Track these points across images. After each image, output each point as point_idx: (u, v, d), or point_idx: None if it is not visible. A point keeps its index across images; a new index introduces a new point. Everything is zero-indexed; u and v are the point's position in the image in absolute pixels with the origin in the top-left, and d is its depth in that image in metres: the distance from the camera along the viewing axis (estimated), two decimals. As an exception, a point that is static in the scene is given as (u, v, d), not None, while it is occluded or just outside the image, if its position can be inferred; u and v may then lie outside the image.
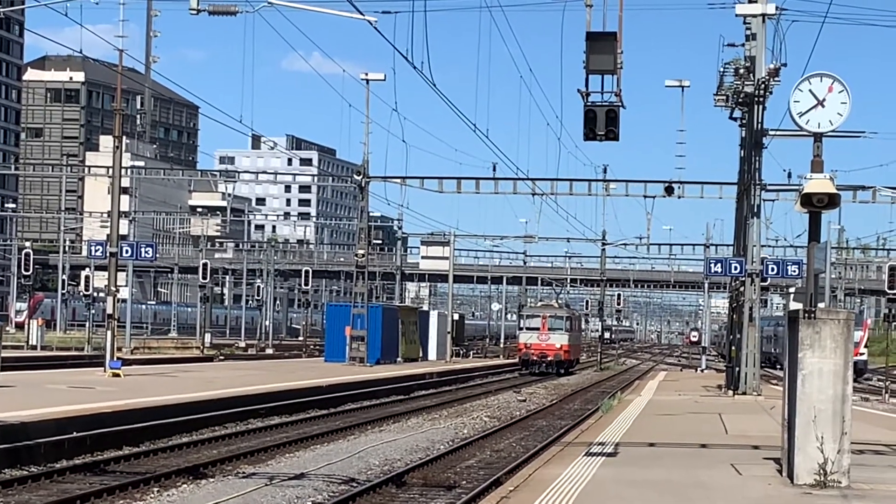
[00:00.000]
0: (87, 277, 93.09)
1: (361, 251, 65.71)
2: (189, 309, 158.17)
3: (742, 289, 49.29)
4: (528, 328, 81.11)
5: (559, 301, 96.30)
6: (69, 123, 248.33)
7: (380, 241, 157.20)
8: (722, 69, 50.17)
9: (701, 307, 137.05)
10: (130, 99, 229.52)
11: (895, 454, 26.23)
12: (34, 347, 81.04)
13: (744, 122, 49.23)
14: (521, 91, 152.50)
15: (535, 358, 79.58)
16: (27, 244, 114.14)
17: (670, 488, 19.93)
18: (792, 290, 62.27)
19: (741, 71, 46.68)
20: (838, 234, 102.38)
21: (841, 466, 19.73)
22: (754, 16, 44.16)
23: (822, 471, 19.69)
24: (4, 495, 21.76)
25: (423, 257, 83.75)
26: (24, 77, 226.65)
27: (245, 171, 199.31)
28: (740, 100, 47.77)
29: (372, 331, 66.24)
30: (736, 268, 48.50)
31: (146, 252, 49.09)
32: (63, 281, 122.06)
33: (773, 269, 51.59)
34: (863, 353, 78.03)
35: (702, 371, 79.63)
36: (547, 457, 25.32)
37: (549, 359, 79.39)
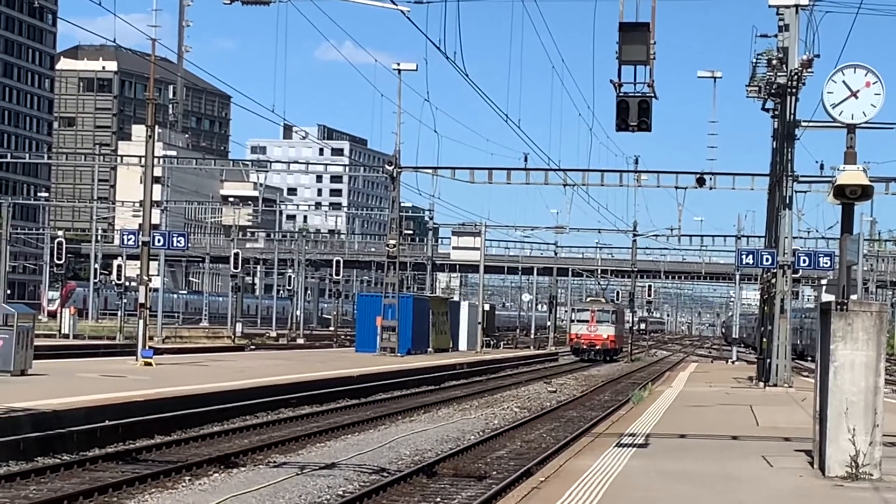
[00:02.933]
0: (119, 266, 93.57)
1: (392, 241, 65.74)
2: (220, 298, 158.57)
3: (773, 280, 49.13)
4: (578, 320, 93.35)
5: (606, 296, 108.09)
6: (102, 113, 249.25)
7: (411, 232, 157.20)
8: (754, 60, 50.01)
9: (732, 299, 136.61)
10: (163, 88, 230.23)
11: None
12: (66, 336, 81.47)
13: (776, 113, 49.03)
14: (553, 81, 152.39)
15: (584, 346, 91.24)
16: (60, 233, 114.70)
17: (701, 480, 19.91)
18: (824, 281, 62.04)
19: (774, 62, 46.50)
20: (870, 225, 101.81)
21: (873, 458, 19.67)
22: (787, 6, 43.98)
23: (853, 463, 19.64)
24: (37, 483, 21.89)
25: (453, 248, 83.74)
26: (57, 66, 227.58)
27: (276, 161, 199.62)
28: (773, 91, 47.58)
29: (403, 321, 66.25)
30: (767, 259, 48.34)
31: (178, 241, 49.21)
32: (95, 270, 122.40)
33: (804, 261, 51.35)
34: None
35: (732, 363, 79.47)
36: (577, 448, 25.31)
37: (597, 347, 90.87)
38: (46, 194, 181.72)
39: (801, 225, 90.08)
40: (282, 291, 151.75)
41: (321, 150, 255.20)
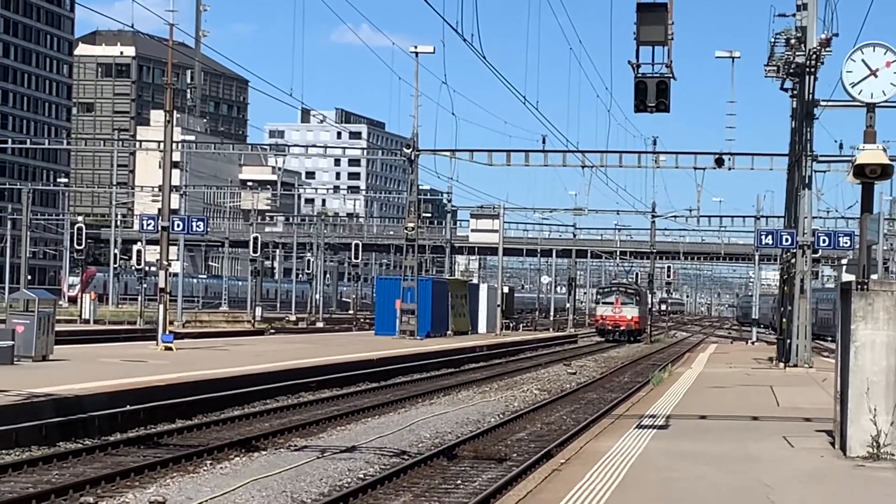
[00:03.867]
0: (138, 251, 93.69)
1: (411, 224, 65.74)
2: (240, 283, 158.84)
3: (793, 261, 49.03)
4: (603, 302, 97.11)
5: (629, 279, 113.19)
6: (120, 98, 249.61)
7: (429, 215, 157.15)
8: (773, 40, 49.87)
9: (751, 279, 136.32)
10: (181, 73, 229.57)
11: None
12: (87, 321, 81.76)
13: (795, 92, 48.88)
14: (571, 63, 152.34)
15: (609, 327, 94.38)
16: (79, 219, 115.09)
17: (722, 461, 19.91)
18: (844, 261, 61.97)
19: (792, 41, 46.36)
20: (890, 205, 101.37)
21: (894, 439, 19.64)
22: (806, -15, 43.77)
23: (874, 443, 19.62)
24: (60, 468, 21.98)
25: (472, 230, 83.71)
26: (76, 52, 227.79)
27: (294, 145, 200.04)
28: (791, 70, 47.43)
29: (422, 304, 66.32)
30: (787, 240, 48.22)
31: (197, 226, 49.32)
32: (115, 255, 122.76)
33: (824, 241, 51.22)
34: None
35: (752, 343, 79.39)
36: (598, 430, 25.33)
37: (621, 328, 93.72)
38: (66, 180, 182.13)
39: (821, 205, 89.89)
40: (301, 275, 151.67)
41: (339, 134, 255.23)
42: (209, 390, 31.70)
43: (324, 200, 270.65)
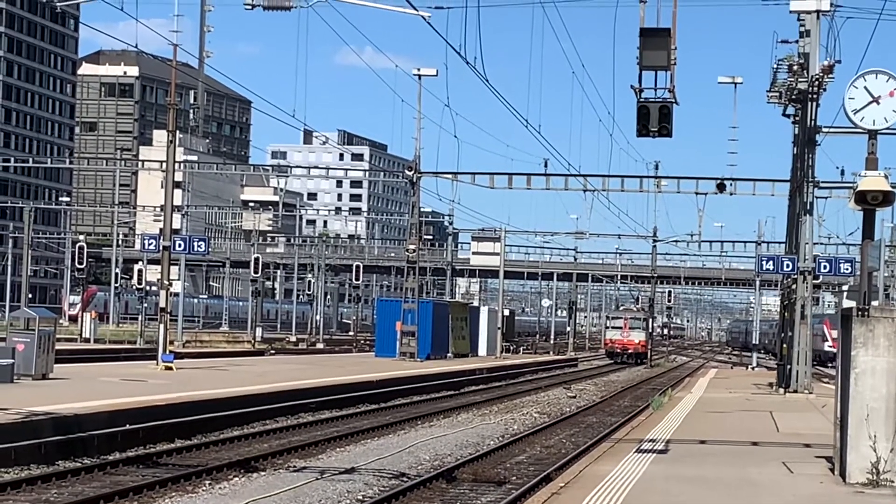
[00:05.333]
0: (139, 271, 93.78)
1: (412, 246, 65.77)
2: (240, 303, 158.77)
3: (794, 286, 49.02)
4: (612, 327, 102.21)
5: (637, 305, 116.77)
6: (123, 118, 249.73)
7: (431, 237, 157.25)
8: (775, 66, 49.94)
9: (752, 305, 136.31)
10: (184, 93, 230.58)
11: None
12: (87, 340, 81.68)
13: (797, 119, 48.93)
14: (574, 87, 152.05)
15: (619, 350, 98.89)
16: (81, 238, 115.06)
17: (722, 486, 19.89)
18: (845, 288, 61.93)
19: (795, 68, 46.43)
20: (892, 231, 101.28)
21: (894, 465, 19.62)
22: (808, 12, 43.85)
23: (874, 469, 19.59)
24: (58, 487, 21.96)
25: (473, 253, 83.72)
26: (79, 71, 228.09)
27: (297, 166, 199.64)
28: (793, 96, 47.49)
29: (422, 326, 66.29)
30: (788, 265, 48.21)
31: (199, 246, 49.31)
32: (116, 274, 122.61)
33: (825, 267, 51.19)
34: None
35: (752, 369, 79.32)
36: (597, 453, 25.30)
37: (629, 351, 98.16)
38: (68, 199, 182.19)
39: (822, 231, 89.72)
40: (302, 296, 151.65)
41: (341, 156, 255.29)
42: (209, 410, 31.68)
43: (325, 222, 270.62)
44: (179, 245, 48.61)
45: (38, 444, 24.31)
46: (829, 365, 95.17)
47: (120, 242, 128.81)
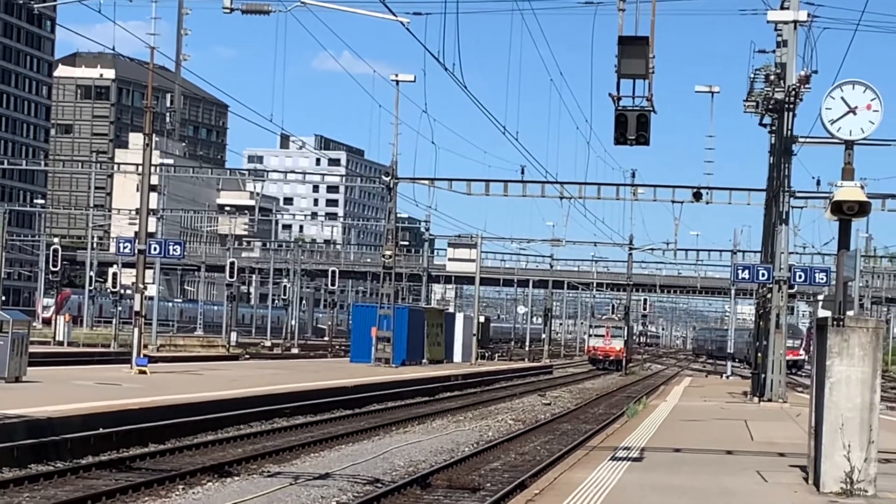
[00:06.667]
0: (114, 274, 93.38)
1: (388, 252, 65.73)
2: (215, 307, 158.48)
3: (769, 296, 49.13)
4: (595, 335, 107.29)
5: (618, 315, 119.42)
6: (99, 120, 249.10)
7: (407, 243, 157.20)
8: (752, 75, 50.06)
9: (727, 313, 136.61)
10: (160, 97, 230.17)
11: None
12: (61, 343, 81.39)
13: (773, 128, 49.06)
14: (552, 94, 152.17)
15: (600, 357, 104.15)
16: (55, 240, 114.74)
17: (696, 494, 19.89)
18: (820, 297, 62.09)
19: (772, 77, 46.55)
20: (866, 242, 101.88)
21: (868, 475, 19.66)
22: (786, 22, 43.98)
23: (848, 479, 19.62)
24: (31, 490, 21.85)
25: (449, 259, 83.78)
26: (55, 73, 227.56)
27: (273, 171, 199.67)
28: (770, 106, 47.62)
29: (398, 332, 66.25)
30: (763, 274, 48.31)
31: (174, 250, 49.22)
32: (90, 277, 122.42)
33: (800, 277, 51.37)
34: (801, 354, 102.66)
35: (727, 377, 79.47)
36: (572, 461, 25.29)
37: (611, 358, 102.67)
38: (42, 201, 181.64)
39: (798, 240, 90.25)
40: (277, 301, 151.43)
41: (318, 160, 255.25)
42: (183, 415, 31.57)
43: (301, 227, 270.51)
44: (155, 248, 48.50)
45: (11, 447, 24.16)
46: (802, 374, 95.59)
47: (95, 245, 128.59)
